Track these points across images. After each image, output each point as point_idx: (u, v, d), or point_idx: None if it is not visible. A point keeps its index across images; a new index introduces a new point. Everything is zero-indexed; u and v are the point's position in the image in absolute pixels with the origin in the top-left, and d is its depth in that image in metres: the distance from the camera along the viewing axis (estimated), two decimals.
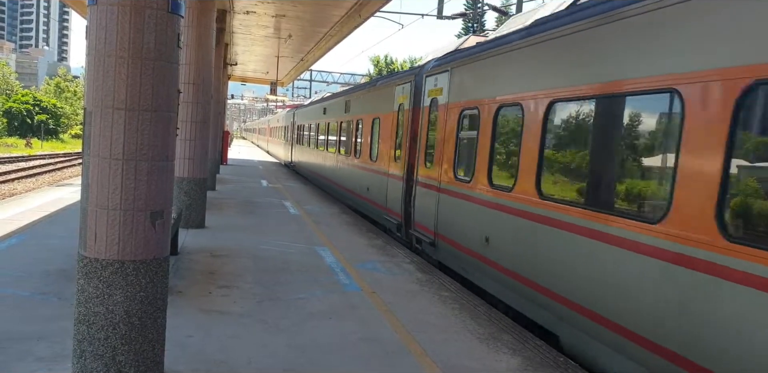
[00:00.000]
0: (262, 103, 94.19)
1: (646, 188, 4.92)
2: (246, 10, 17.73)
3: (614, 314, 4.97)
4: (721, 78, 4.10)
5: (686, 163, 4.35)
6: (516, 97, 6.89)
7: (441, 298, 7.26)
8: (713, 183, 4.09)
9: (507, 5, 41.01)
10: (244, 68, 33.84)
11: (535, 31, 6.72)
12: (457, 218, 8.37)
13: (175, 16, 4.09)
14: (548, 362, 5.37)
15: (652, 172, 4.88)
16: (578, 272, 5.47)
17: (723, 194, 4.04)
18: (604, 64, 5.37)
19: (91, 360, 4.04)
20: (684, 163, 4.36)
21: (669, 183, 4.51)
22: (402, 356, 5.32)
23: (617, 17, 5.22)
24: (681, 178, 4.38)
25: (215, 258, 8.68)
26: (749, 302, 3.77)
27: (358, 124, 15.13)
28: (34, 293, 6.38)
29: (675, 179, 4.43)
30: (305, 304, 6.69)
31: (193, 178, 11.27)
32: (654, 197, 4.80)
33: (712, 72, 4.20)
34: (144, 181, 4.03)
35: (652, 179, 4.88)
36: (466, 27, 54.32)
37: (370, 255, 9.61)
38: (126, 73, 3.93)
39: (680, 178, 4.38)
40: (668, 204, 4.47)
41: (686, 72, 4.42)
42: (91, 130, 3.99)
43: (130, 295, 4.04)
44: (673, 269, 4.38)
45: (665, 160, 4.68)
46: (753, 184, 3.97)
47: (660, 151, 4.79)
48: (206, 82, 11.53)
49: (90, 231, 4.03)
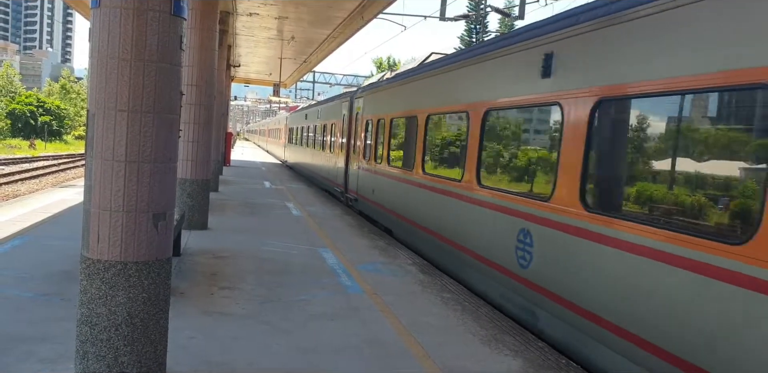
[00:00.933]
0: (266, 105, 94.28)
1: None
2: (249, 12, 17.77)
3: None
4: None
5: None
6: (385, 115, 12.72)
7: (443, 299, 7.27)
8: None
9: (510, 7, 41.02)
10: (247, 70, 33.91)
11: (391, 79, 12.94)
12: (364, 182, 14.29)
13: (177, 18, 4.10)
14: (550, 363, 5.37)
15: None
16: (416, 202, 10.21)
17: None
18: (409, 101, 11.26)
19: (94, 361, 4.06)
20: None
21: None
22: (404, 358, 5.32)
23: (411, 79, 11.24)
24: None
25: (218, 259, 8.69)
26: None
27: (324, 127, 20.88)
28: (37, 295, 6.40)
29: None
30: (307, 305, 6.70)
31: (195, 179, 11.29)
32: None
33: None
34: (146, 183, 4.04)
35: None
36: (469, 28, 54.35)
37: (373, 257, 9.61)
38: (129, 75, 3.94)
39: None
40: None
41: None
42: (94, 132, 4.00)
43: (132, 296, 4.05)
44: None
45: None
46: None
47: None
48: (209, 83, 11.56)
49: (93, 232, 4.04)
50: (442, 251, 8.97)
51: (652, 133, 4.99)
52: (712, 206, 4.32)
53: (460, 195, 8.30)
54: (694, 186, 4.52)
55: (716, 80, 4.13)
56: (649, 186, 4.89)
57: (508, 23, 49.49)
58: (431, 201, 9.46)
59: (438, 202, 9.15)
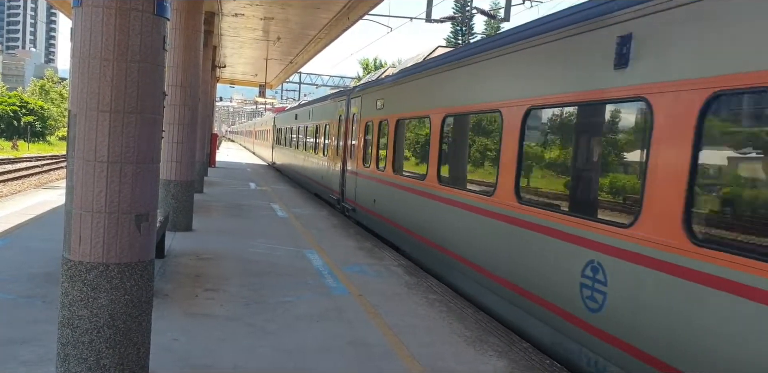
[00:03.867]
0: (252, 106, 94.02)
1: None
2: (234, 12, 17.71)
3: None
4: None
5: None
6: (391, 115, 11.30)
7: (428, 301, 7.27)
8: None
9: (496, 9, 41.18)
10: (232, 71, 33.79)
11: (398, 75, 11.51)
12: (363, 191, 12.96)
13: (160, 18, 4.08)
14: (534, 364, 5.39)
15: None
16: (411, 209, 9.73)
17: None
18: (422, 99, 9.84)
19: (75, 364, 4.01)
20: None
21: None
22: (389, 359, 5.32)
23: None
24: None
25: (202, 261, 8.64)
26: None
27: (317, 128, 19.58)
28: (19, 297, 6.33)
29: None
30: (292, 307, 6.67)
31: (180, 181, 11.22)
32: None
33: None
34: (129, 183, 4.01)
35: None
36: (455, 30, 54.52)
37: (358, 258, 9.60)
38: (111, 76, 3.91)
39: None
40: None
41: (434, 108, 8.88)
42: (76, 133, 3.97)
43: (114, 298, 4.02)
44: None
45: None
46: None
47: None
48: (193, 84, 11.49)
49: (74, 234, 4.00)
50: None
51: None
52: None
53: (488, 212, 6.94)
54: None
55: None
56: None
57: (494, 25, 49.71)
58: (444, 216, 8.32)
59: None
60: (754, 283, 3.56)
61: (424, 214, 9.13)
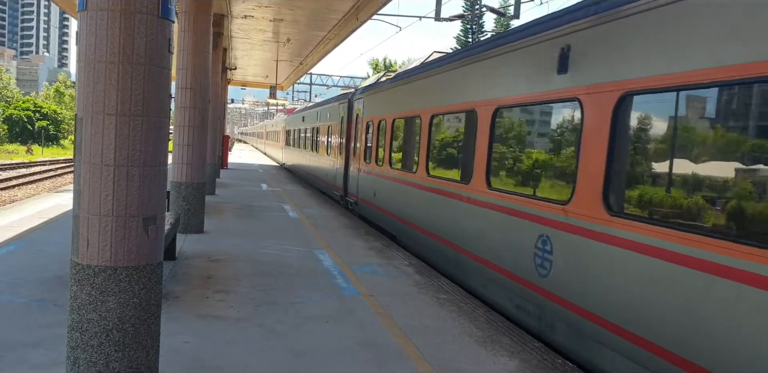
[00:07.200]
0: (263, 107, 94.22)
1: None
2: (244, 14, 17.76)
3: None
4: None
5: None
6: (388, 115, 12.44)
7: (439, 301, 7.24)
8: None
9: (505, 6, 41.06)
10: (243, 72, 33.91)
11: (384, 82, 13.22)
12: (365, 185, 14.05)
13: (165, 21, 4.07)
14: (546, 364, 5.34)
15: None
16: (413, 205, 10.37)
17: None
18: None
19: (85, 367, 4.02)
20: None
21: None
22: (400, 360, 5.29)
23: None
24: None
25: (213, 263, 8.66)
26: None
27: (323, 129, 20.77)
28: (31, 300, 6.37)
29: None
30: (303, 308, 6.67)
31: (191, 183, 11.25)
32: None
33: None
34: (136, 187, 4.01)
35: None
36: (465, 28, 54.35)
37: (369, 258, 9.58)
38: (116, 79, 3.91)
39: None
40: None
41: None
42: (82, 137, 3.97)
43: (123, 301, 4.02)
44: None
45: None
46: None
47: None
48: (203, 86, 11.52)
49: (82, 237, 4.01)
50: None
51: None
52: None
53: (466, 197, 8.06)
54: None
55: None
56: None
57: (503, 23, 49.51)
58: (434, 205, 9.36)
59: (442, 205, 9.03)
60: (652, 243, 4.52)
61: (418, 202, 10.23)
